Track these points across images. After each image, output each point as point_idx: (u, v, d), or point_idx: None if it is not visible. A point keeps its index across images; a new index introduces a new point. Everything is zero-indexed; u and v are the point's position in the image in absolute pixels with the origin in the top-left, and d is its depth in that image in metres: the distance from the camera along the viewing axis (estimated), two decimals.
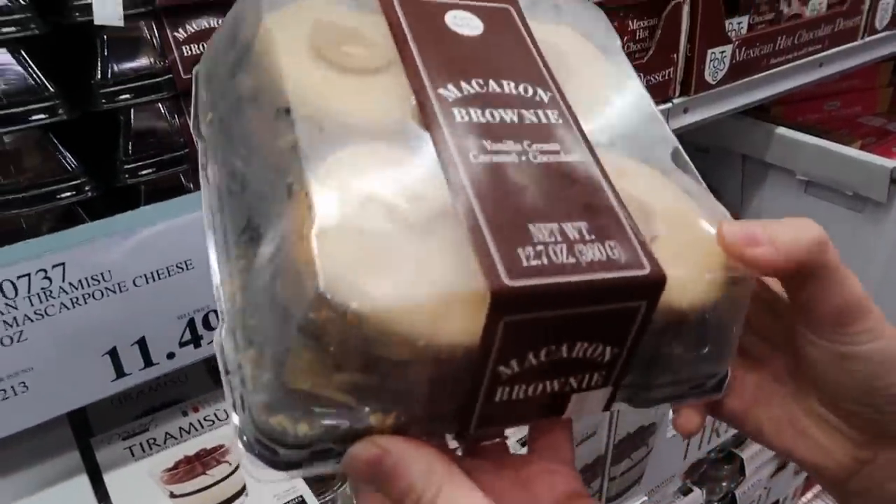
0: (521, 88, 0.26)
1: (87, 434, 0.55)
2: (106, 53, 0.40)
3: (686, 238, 0.26)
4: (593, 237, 0.23)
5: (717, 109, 0.73)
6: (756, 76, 0.75)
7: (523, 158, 0.24)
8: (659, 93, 0.67)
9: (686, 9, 0.66)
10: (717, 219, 0.26)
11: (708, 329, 0.26)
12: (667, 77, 0.67)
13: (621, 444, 0.69)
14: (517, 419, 0.25)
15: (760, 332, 0.31)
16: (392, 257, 0.21)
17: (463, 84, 0.25)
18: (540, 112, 0.26)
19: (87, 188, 0.41)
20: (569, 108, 0.27)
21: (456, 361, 0.21)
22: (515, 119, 0.25)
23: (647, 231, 0.24)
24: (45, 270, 0.39)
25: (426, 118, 0.24)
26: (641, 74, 0.65)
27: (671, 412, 0.31)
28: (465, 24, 0.28)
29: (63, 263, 0.40)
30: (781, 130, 0.89)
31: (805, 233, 0.25)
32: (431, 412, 0.23)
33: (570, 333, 0.23)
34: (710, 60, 0.69)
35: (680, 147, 0.30)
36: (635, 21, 0.65)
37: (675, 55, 0.67)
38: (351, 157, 0.23)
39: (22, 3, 0.36)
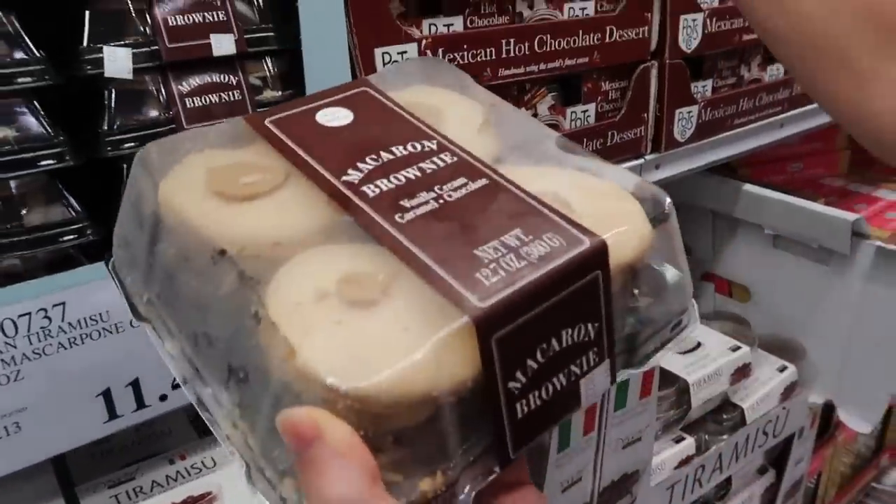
0: (409, 147, 0.29)
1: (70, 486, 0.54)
2: (113, 104, 0.42)
3: (603, 204, 0.29)
4: (531, 237, 0.25)
5: (687, 165, 0.77)
6: (722, 135, 0.80)
7: (441, 202, 0.27)
8: (632, 149, 0.71)
9: (654, 72, 0.70)
10: (615, 176, 0.30)
11: (656, 270, 0.29)
12: (638, 134, 0.71)
13: (606, 493, 0.70)
14: (545, 425, 0.27)
15: None
16: (371, 332, 0.23)
17: (360, 165, 0.28)
18: (435, 159, 0.29)
19: (88, 232, 0.43)
20: (457, 146, 0.30)
21: (470, 396, 0.23)
22: (418, 174, 0.28)
23: (570, 213, 0.27)
24: (46, 310, 0.40)
25: (344, 206, 0.27)
26: (615, 132, 0.69)
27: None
28: (335, 117, 0.31)
29: (63, 303, 0.41)
30: (748, 187, 0.94)
31: None
32: (470, 455, 0.24)
33: (553, 326, 0.25)
34: (679, 120, 0.73)
35: (560, 135, 0.33)
36: (607, 83, 0.69)
37: (645, 114, 0.71)
38: (294, 268, 0.25)
39: (38, 55, 0.39)
